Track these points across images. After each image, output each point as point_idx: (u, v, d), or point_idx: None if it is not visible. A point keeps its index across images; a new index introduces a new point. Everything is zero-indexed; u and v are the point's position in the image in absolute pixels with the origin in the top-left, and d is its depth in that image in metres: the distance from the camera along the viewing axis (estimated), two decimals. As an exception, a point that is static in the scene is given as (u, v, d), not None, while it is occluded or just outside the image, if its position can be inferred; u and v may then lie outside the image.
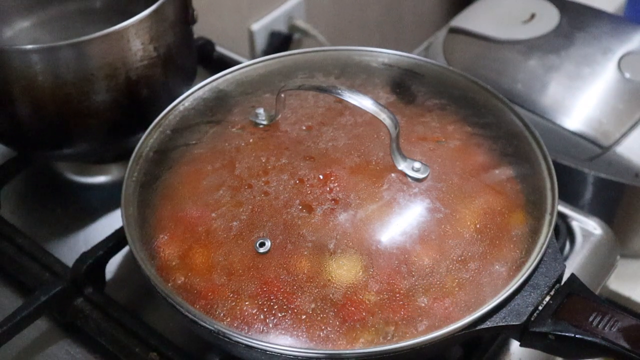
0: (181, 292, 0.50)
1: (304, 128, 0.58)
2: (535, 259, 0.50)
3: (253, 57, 0.89)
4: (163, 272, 0.51)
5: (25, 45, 0.60)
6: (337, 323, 0.47)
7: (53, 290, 0.57)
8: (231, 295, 0.49)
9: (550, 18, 0.99)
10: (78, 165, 0.72)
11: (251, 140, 0.57)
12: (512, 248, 0.51)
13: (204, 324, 0.48)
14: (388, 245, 0.50)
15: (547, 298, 0.49)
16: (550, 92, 0.91)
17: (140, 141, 0.59)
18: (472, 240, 0.51)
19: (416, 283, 0.49)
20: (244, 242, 0.51)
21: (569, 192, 0.90)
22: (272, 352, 0.47)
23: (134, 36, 0.61)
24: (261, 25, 1.07)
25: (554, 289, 0.50)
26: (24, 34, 0.77)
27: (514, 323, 0.48)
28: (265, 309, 0.48)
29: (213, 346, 0.52)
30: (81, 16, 0.78)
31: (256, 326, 0.47)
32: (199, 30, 0.76)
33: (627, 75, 0.91)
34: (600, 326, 0.47)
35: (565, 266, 0.51)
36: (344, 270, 0.49)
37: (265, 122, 0.58)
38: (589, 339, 0.47)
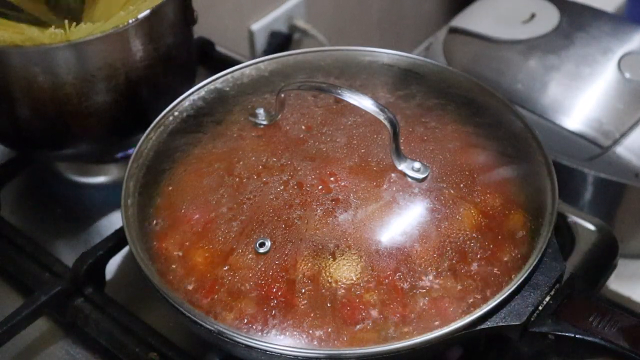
0: (181, 292, 0.50)
1: (304, 128, 0.58)
2: (535, 259, 0.50)
3: (253, 57, 0.89)
4: (163, 272, 0.51)
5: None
6: (337, 323, 0.47)
7: (53, 291, 0.57)
8: (231, 295, 0.49)
9: (550, 18, 0.99)
10: (78, 165, 0.72)
11: (251, 141, 0.57)
12: (512, 248, 0.51)
13: (204, 324, 0.48)
14: (388, 246, 0.50)
15: (547, 298, 0.49)
16: (550, 92, 0.91)
17: (140, 141, 0.59)
18: (472, 240, 0.51)
19: (416, 283, 0.49)
20: (244, 242, 0.51)
21: (569, 192, 0.90)
22: (272, 352, 0.47)
23: (134, 36, 0.61)
24: (261, 25, 1.07)
25: (554, 289, 0.50)
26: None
27: (514, 323, 0.48)
28: (265, 309, 0.48)
29: (213, 346, 0.52)
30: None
31: (256, 326, 0.48)
32: (199, 30, 0.76)
33: (627, 75, 0.91)
34: (600, 326, 0.47)
35: (565, 266, 0.51)
36: (343, 271, 0.49)
37: (265, 122, 0.58)
38: (589, 339, 0.47)
